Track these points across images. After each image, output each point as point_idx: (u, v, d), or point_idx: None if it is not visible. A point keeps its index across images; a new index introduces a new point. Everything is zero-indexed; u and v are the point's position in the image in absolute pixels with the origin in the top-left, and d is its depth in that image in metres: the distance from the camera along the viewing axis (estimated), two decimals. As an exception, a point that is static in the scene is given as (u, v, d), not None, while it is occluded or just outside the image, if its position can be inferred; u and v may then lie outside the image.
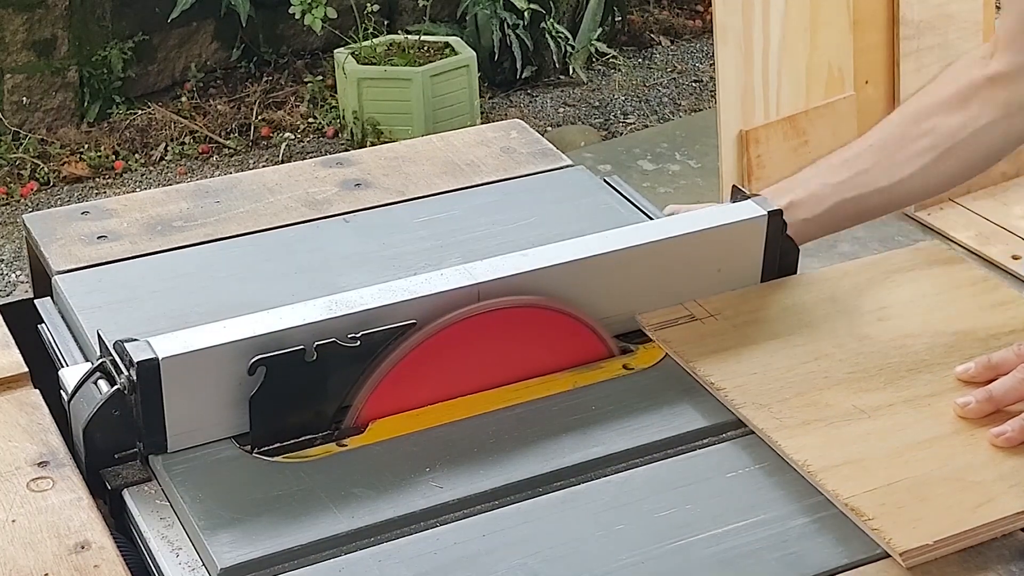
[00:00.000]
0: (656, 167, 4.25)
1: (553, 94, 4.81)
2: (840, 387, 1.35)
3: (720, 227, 1.47)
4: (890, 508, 1.19)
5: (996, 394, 1.31)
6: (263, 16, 4.67)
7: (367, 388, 1.32)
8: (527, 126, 1.84)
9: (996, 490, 1.21)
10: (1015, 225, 3.57)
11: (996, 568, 1.16)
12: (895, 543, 1.16)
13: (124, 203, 1.65)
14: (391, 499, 1.23)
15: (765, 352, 1.40)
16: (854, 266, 1.54)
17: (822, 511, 1.21)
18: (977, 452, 1.26)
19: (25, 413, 1.32)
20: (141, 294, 1.47)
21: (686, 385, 1.37)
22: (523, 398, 1.36)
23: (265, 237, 1.59)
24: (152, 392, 1.25)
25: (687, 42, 5.20)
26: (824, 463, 1.24)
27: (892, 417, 1.31)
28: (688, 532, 1.19)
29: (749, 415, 1.31)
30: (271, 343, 1.28)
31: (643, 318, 1.45)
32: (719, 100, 3.74)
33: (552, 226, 1.58)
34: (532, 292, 1.38)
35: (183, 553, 1.19)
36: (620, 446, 1.29)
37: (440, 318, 1.33)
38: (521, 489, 1.25)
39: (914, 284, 1.50)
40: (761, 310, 1.46)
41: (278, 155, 4.42)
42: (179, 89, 4.64)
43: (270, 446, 1.30)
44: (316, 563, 1.17)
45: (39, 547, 1.16)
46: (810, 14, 3.90)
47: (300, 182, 1.69)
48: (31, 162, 4.30)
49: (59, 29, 4.36)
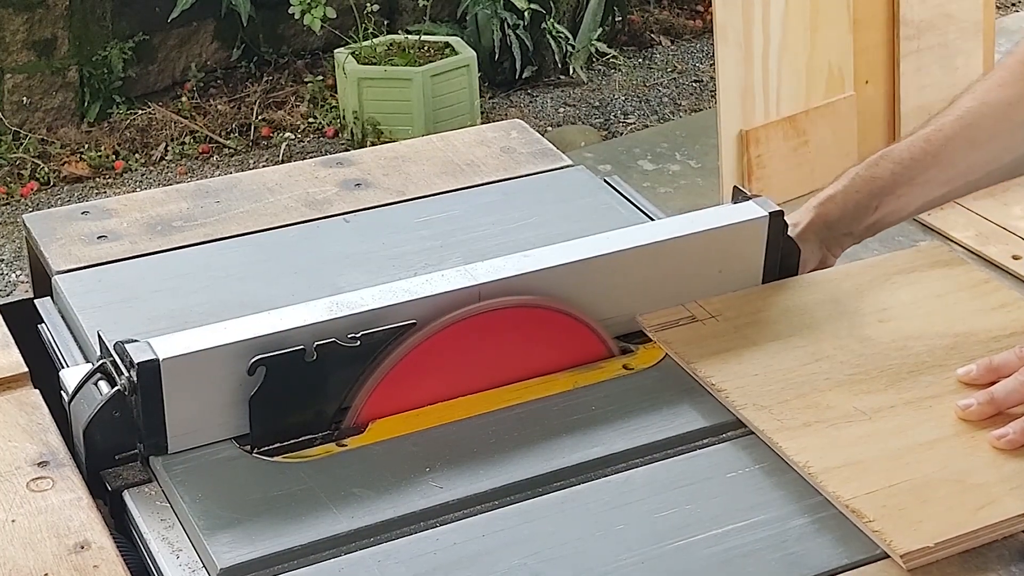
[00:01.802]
0: (656, 167, 4.25)
1: (553, 94, 4.81)
2: (841, 389, 1.34)
3: (721, 228, 1.47)
4: (891, 510, 1.19)
5: (997, 396, 1.30)
6: (263, 16, 4.67)
7: (367, 388, 1.32)
8: (527, 126, 1.84)
9: (997, 492, 1.21)
10: (1015, 225, 3.57)
11: (996, 569, 1.16)
12: (896, 545, 1.16)
13: (124, 203, 1.65)
14: (391, 499, 1.23)
15: (766, 353, 1.40)
16: (855, 267, 1.54)
17: (822, 511, 1.21)
18: (978, 454, 1.26)
19: (25, 413, 1.32)
20: (141, 294, 1.47)
21: (686, 385, 1.37)
22: (523, 398, 1.36)
23: (265, 237, 1.59)
24: (152, 393, 1.25)
25: (687, 42, 5.20)
26: (825, 464, 1.24)
27: (893, 419, 1.30)
28: (688, 532, 1.19)
29: (750, 416, 1.31)
30: (271, 344, 1.28)
31: (644, 319, 1.45)
32: (719, 100, 3.74)
33: (552, 226, 1.58)
34: (533, 293, 1.38)
35: (183, 554, 1.18)
36: (620, 446, 1.29)
37: (440, 318, 1.33)
38: (521, 489, 1.25)
39: (915, 286, 1.50)
40: (762, 311, 1.46)
41: (278, 155, 4.42)
42: (179, 89, 4.64)
43: (270, 446, 1.30)
44: (316, 563, 1.17)
45: (39, 547, 1.16)
46: (810, 14, 3.90)
47: (300, 182, 1.69)
48: (31, 162, 4.30)
49: (59, 29, 4.36)
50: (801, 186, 3.85)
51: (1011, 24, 5.14)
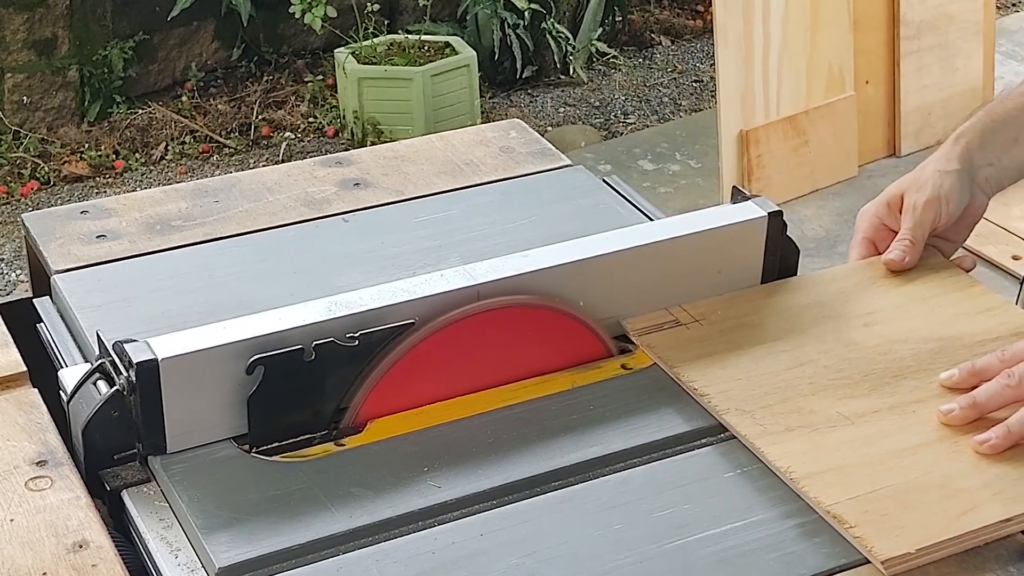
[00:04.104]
0: (656, 167, 4.25)
1: (553, 94, 4.81)
2: (824, 393, 1.34)
3: (720, 228, 1.47)
4: (873, 515, 1.18)
5: (980, 401, 1.30)
6: (264, 15, 4.67)
7: (365, 388, 1.32)
8: (527, 126, 1.84)
9: (980, 497, 1.21)
10: (1015, 225, 3.57)
11: (994, 569, 1.16)
12: (877, 551, 1.15)
13: (123, 202, 1.65)
14: (389, 499, 1.23)
15: (750, 357, 1.39)
16: (842, 271, 1.54)
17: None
18: (961, 459, 1.25)
19: (23, 412, 1.32)
20: (140, 294, 1.47)
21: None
22: (521, 398, 1.36)
23: (264, 237, 1.59)
24: (151, 393, 1.25)
25: (687, 42, 5.20)
26: (807, 470, 1.24)
27: (876, 424, 1.30)
28: (686, 532, 1.19)
29: (732, 421, 1.30)
30: (270, 343, 1.28)
31: (628, 323, 1.44)
32: (719, 100, 3.74)
33: (552, 226, 1.58)
34: (532, 293, 1.38)
35: (182, 554, 1.18)
36: (618, 446, 1.29)
37: (439, 318, 1.33)
38: (519, 489, 1.25)
39: (901, 290, 1.50)
40: (746, 315, 1.46)
41: (278, 155, 4.42)
42: (179, 88, 4.64)
43: (268, 446, 1.30)
44: (314, 563, 1.17)
45: (37, 546, 1.16)
46: (810, 14, 3.90)
47: (299, 182, 1.69)
48: (31, 161, 4.30)
49: (60, 28, 4.36)
50: (801, 186, 3.85)
51: (1011, 24, 5.14)
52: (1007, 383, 1.30)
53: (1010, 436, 1.26)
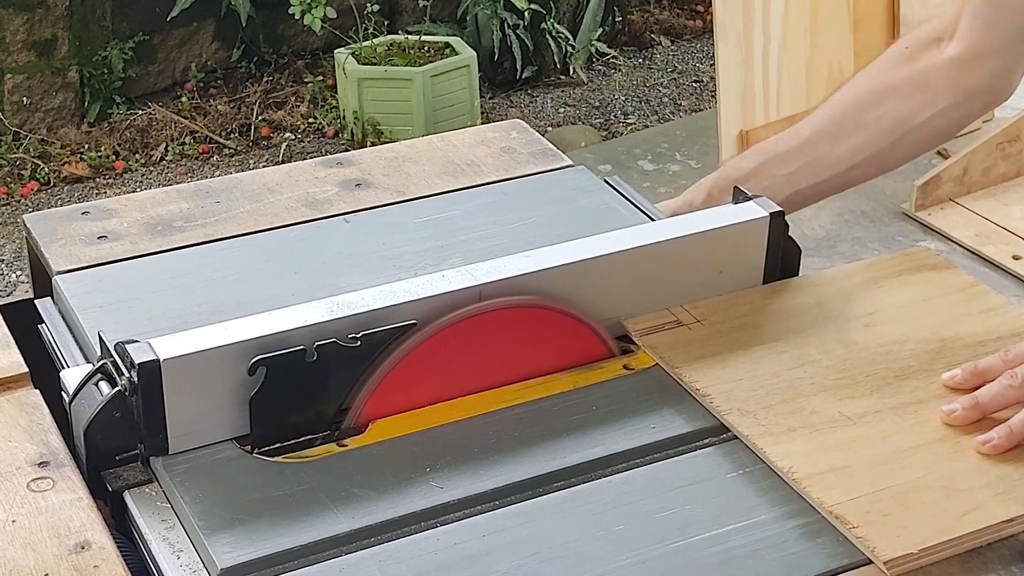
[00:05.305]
0: (656, 167, 4.25)
1: (553, 94, 4.81)
2: (826, 394, 1.34)
3: (722, 228, 1.47)
4: (875, 516, 1.18)
5: (982, 401, 1.30)
6: (263, 16, 4.67)
7: (367, 388, 1.32)
8: (527, 126, 1.84)
9: (982, 498, 1.21)
10: (1015, 225, 3.57)
11: (997, 569, 1.16)
12: (879, 551, 1.15)
13: (124, 203, 1.65)
14: (391, 499, 1.23)
15: (751, 358, 1.39)
16: (842, 271, 1.54)
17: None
18: (963, 460, 1.25)
19: (25, 413, 1.32)
20: (141, 294, 1.47)
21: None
22: (523, 398, 1.36)
23: (265, 237, 1.59)
24: (153, 394, 1.25)
25: (687, 42, 5.20)
26: (809, 470, 1.24)
27: (878, 424, 1.30)
28: (688, 533, 1.19)
29: (734, 422, 1.30)
30: (272, 344, 1.28)
31: (629, 323, 1.44)
32: (719, 100, 3.74)
33: (552, 226, 1.58)
34: (533, 293, 1.38)
35: (184, 555, 1.18)
36: (620, 446, 1.29)
37: (440, 318, 1.33)
38: (521, 489, 1.25)
39: (902, 290, 1.50)
40: (747, 315, 1.46)
41: (278, 155, 4.42)
42: (179, 89, 4.64)
43: (270, 447, 1.30)
44: (316, 563, 1.17)
45: (39, 547, 1.16)
46: (810, 14, 3.90)
47: (300, 182, 1.69)
48: (31, 162, 4.30)
49: (59, 29, 4.36)
50: (801, 186, 3.85)
51: (1011, 24, 5.13)
52: (1010, 384, 1.30)
53: (1012, 436, 1.26)
